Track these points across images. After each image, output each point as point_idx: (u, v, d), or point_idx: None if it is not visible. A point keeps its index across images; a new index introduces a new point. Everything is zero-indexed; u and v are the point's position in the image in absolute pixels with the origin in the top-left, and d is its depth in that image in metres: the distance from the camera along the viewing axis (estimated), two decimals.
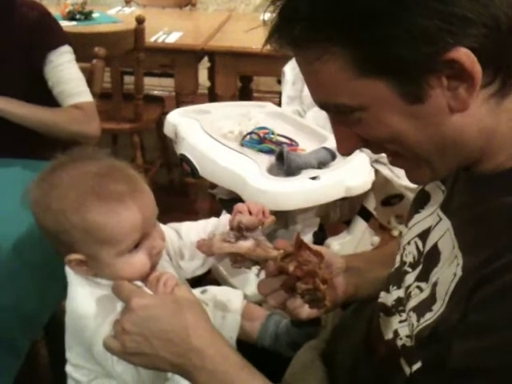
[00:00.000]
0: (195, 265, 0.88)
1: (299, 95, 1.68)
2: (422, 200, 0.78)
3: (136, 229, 0.76)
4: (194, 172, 1.41)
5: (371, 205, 1.44)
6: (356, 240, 1.47)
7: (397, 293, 0.76)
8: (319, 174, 1.27)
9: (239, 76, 2.70)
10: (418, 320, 0.66)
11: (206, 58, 2.86)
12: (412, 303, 0.69)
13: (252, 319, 0.95)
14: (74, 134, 1.57)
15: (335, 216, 1.50)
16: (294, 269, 0.75)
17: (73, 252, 0.77)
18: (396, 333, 0.72)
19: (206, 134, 1.43)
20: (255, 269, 0.82)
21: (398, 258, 0.80)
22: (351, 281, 0.87)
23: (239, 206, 0.86)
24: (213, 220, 0.90)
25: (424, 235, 0.74)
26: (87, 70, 1.74)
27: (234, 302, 0.95)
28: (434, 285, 0.66)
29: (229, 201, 1.59)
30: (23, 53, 1.52)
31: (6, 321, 1.09)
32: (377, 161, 1.40)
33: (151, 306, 0.69)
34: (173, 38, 2.56)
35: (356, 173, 1.32)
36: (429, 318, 0.64)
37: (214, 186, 1.88)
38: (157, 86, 3.67)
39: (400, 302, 0.74)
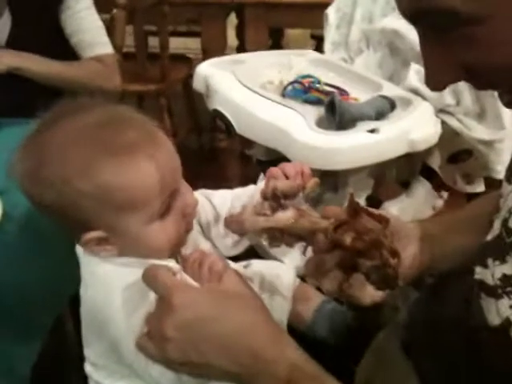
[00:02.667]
0: (227, 243, 0.73)
1: (345, 40, 1.47)
2: None
3: (164, 185, 0.60)
4: (229, 129, 1.23)
5: (435, 162, 1.25)
6: (416, 204, 1.28)
7: (500, 269, 0.58)
8: (378, 126, 1.08)
9: (269, 32, 2.51)
10: None
11: (232, 16, 2.67)
12: None
13: (305, 302, 0.79)
14: (95, 90, 1.47)
15: (391, 177, 1.31)
16: (353, 240, 0.58)
17: (88, 230, 0.61)
18: (508, 321, 0.54)
19: (242, 85, 1.25)
20: (300, 246, 0.65)
21: (496, 224, 0.62)
22: (426, 251, 0.70)
23: (272, 170, 0.69)
24: (250, 188, 0.74)
25: None
26: (107, 21, 1.59)
27: (284, 279, 0.79)
28: None
29: (268, 162, 1.41)
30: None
31: (24, 296, 0.95)
32: (442, 110, 1.20)
33: (198, 303, 0.53)
34: None
35: (420, 124, 1.12)
36: None
37: (249, 146, 1.70)
38: (182, 48, 3.50)
39: (508, 281, 0.56)
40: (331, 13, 1.48)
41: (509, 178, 0.64)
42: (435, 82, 0.51)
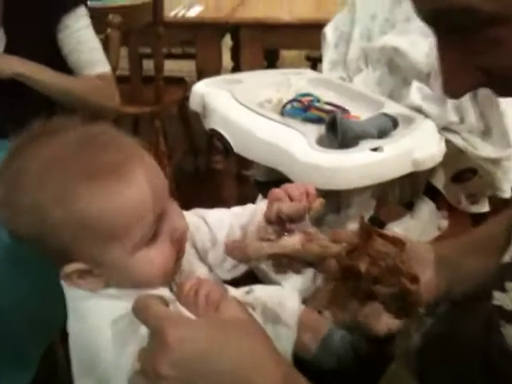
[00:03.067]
0: (226, 267, 0.68)
1: (343, 59, 1.45)
2: None
3: (148, 209, 0.55)
4: (227, 149, 1.19)
5: (439, 182, 1.21)
6: (421, 224, 1.24)
7: None
8: (381, 145, 1.04)
9: (264, 53, 2.50)
10: None
11: (227, 38, 2.66)
12: None
13: (311, 330, 0.74)
14: (97, 106, 1.45)
15: (394, 197, 1.27)
16: (368, 267, 0.53)
17: (69, 261, 0.56)
18: None
19: (240, 103, 1.21)
20: (309, 272, 0.61)
21: None
22: (442, 275, 0.66)
23: (275, 191, 0.64)
24: (249, 207, 0.69)
25: None
26: (101, 41, 1.55)
27: (288, 307, 0.74)
28: None
29: (267, 183, 1.38)
30: (36, 16, 1.37)
31: (10, 325, 0.90)
32: (446, 128, 1.17)
33: (194, 337, 0.48)
34: (193, 13, 2.36)
35: (424, 143, 1.09)
36: None
37: (247, 166, 1.67)
38: (177, 70, 3.48)
39: None
40: (329, 31, 1.46)
41: None
42: (454, 88, 0.48)
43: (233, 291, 0.69)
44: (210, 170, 2.47)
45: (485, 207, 1.30)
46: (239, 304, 0.54)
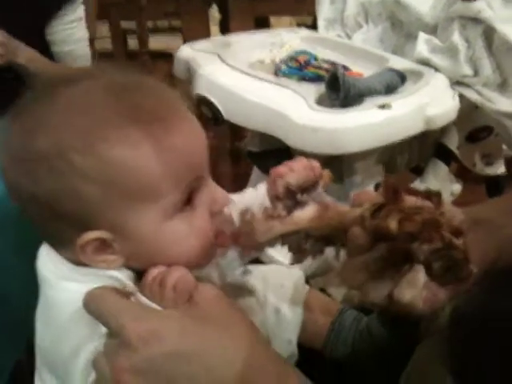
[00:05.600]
0: (228, 258, 0.57)
1: (340, 16, 1.33)
2: None
3: (189, 167, 0.46)
4: (216, 116, 1.07)
5: (452, 142, 1.10)
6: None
7: None
8: (389, 102, 0.93)
9: (255, 23, 2.38)
10: None
11: (215, 11, 2.53)
12: None
13: (318, 314, 0.63)
14: None
15: (402, 161, 1.16)
16: (401, 223, 0.43)
17: (86, 229, 0.45)
18: None
19: (229, 66, 1.10)
20: (331, 252, 0.50)
21: None
22: (489, 241, 0.55)
23: (276, 169, 0.54)
24: (247, 193, 0.59)
25: None
26: None
27: (291, 288, 0.63)
28: None
29: (261, 154, 1.27)
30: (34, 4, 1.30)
31: None
32: (459, 82, 1.05)
33: (161, 334, 0.39)
34: None
35: (437, 98, 0.97)
36: None
37: (239, 136, 1.55)
38: (164, 46, 3.35)
39: None
40: None
41: None
42: None
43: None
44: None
45: (501, 169, 1.20)
46: (218, 292, 0.44)
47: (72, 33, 1.39)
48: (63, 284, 0.47)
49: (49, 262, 0.48)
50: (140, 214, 0.45)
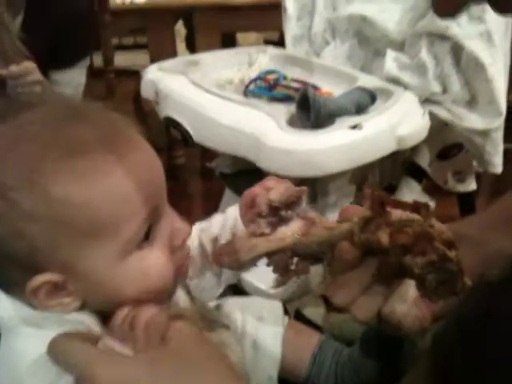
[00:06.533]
0: (206, 285, 0.56)
1: (307, 33, 1.32)
2: None
3: (144, 198, 0.43)
4: (185, 138, 1.05)
5: (424, 160, 1.10)
6: None
7: None
8: (360, 122, 0.92)
9: (220, 38, 2.37)
10: None
11: (180, 26, 2.52)
12: None
13: (298, 347, 0.61)
14: None
15: (375, 180, 1.15)
16: (393, 236, 0.41)
17: (36, 272, 0.42)
18: None
19: (197, 86, 1.08)
20: (319, 269, 0.48)
21: None
22: (472, 257, 0.54)
23: (252, 190, 0.52)
24: (216, 218, 0.57)
25: None
26: None
27: (270, 320, 0.61)
28: None
29: (233, 175, 1.24)
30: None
31: None
32: (428, 100, 1.05)
33: (132, 381, 0.37)
34: None
35: (407, 117, 0.97)
36: None
37: (210, 157, 1.53)
38: (129, 63, 3.32)
39: None
40: (290, 3, 1.33)
41: None
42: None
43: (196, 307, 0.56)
44: (171, 166, 2.33)
45: (472, 185, 1.20)
46: (192, 329, 0.42)
47: (75, 77, 1.44)
48: (22, 329, 0.43)
49: (7, 304, 0.45)
50: (93, 253, 0.42)
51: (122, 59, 2.69)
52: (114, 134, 0.44)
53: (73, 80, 1.45)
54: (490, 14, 1.04)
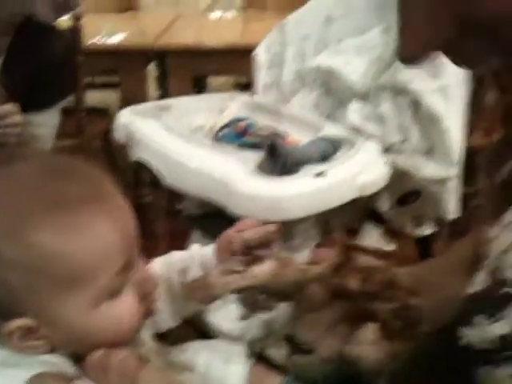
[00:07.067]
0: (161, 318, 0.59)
1: (277, 82, 1.39)
2: None
3: (118, 252, 0.46)
4: (156, 181, 1.08)
5: (384, 206, 1.15)
6: None
7: (495, 328, 0.47)
8: (325, 170, 0.97)
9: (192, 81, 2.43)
10: None
11: (152, 66, 2.57)
12: None
13: None
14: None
15: (337, 225, 1.19)
16: (362, 283, 0.46)
17: (11, 316, 0.44)
18: None
19: (169, 131, 1.12)
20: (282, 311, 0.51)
21: (483, 274, 0.51)
22: (431, 301, 0.58)
23: (227, 234, 0.57)
24: (178, 255, 0.61)
25: None
26: None
27: (234, 362, 0.63)
28: None
29: (201, 217, 1.27)
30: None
31: None
32: (388, 149, 1.11)
33: None
34: (116, 40, 2.25)
35: (369, 166, 1.03)
36: None
37: (179, 199, 1.56)
38: (99, 102, 3.34)
39: (507, 344, 0.45)
40: (261, 53, 1.39)
41: (492, 219, 0.54)
42: (417, 44, 0.42)
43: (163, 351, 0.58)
44: (138, 205, 2.34)
45: (429, 230, 1.26)
46: (159, 374, 0.46)
47: (50, 118, 1.43)
48: (2, 371, 0.45)
49: None
50: (68, 302, 0.45)
51: (91, 97, 2.72)
52: (97, 191, 0.47)
53: (49, 121, 1.47)
54: (446, 70, 1.12)
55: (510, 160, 0.53)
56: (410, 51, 0.44)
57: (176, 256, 0.61)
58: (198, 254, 0.59)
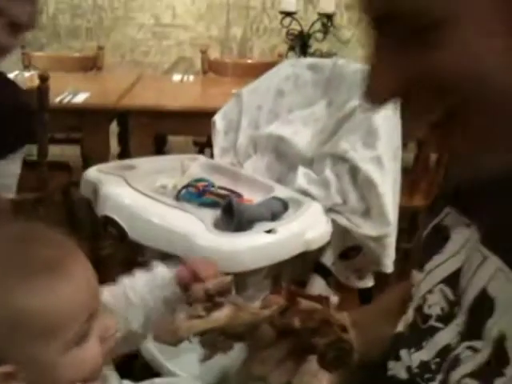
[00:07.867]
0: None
1: (233, 146, 1.52)
2: (439, 236, 0.62)
3: (84, 306, 0.56)
4: (121, 236, 1.18)
5: (328, 259, 1.28)
6: None
7: (418, 356, 0.58)
8: (275, 227, 1.09)
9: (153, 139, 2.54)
10: None
11: (113, 124, 2.67)
12: (466, 369, 0.52)
13: None
14: None
15: (287, 276, 1.31)
16: (303, 321, 0.57)
17: None
18: None
19: (134, 189, 1.22)
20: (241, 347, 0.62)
21: (410, 312, 0.63)
22: (362, 339, 0.69)
23: (195, 288, 0.66)
24: (141, 276, 0.71)
25: (452, 280, 0.58)
26: None
27: None
28: (499, 341, 0.49)
29: None
30: None
31: None
32: (331, 210, 1.25)
33: None
34: (80, 99, 2.36)
35: (314, 224, 1.16)
36: None
37: (141, 252, 1.64)
38: (59, 155, 3.40)
39: (427, 368, 0.56)
40: (218, 120, 1.53)
41: (420, 266, 0.65)
42: (379, 87, 0.47)
43: None
44: (97, 256, 2.39)
45: (370, 282, 1.39)
46: None
47: (12, 168, 1.37)
48: None
49: None
50: (42, 350, 0.54)
51: (52, 151, 2.79)
52: (63, 254, 0.57)
53: (10, 170, 1.48)
54: (380, 142, 1.28)
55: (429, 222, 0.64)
56: (375, 96, 0.48)
57: (136, 279, 0.70)
58: (160, 276, 0.69)
